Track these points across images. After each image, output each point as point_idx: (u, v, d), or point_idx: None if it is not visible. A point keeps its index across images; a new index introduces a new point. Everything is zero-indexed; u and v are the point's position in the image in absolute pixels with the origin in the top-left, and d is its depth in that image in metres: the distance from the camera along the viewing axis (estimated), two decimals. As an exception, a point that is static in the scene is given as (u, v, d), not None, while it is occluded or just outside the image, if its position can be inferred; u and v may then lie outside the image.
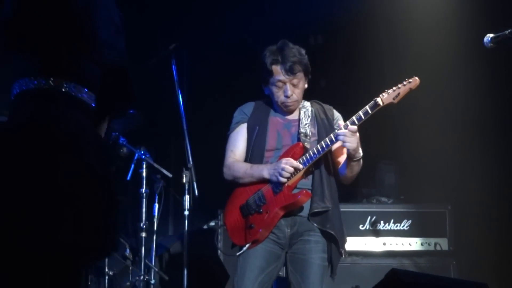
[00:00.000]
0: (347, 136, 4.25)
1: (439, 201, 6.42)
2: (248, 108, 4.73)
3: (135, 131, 6.76)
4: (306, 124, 4.54)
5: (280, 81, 4.51)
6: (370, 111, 4.29)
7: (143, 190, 6.52)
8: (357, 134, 4.29)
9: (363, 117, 4.29)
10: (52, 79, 2.84)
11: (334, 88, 7.67)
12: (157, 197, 6.67)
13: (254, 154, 4.57)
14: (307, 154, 4.37)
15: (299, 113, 4.62)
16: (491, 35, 4.16)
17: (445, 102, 6.92)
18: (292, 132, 4.58)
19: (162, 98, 6.82)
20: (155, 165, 6.57)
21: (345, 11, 7.37)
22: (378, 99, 4.30)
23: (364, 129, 4.35)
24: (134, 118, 6.65)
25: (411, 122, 7.10)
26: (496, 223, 6.78)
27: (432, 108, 7.03)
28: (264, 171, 4.44)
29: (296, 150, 4.44)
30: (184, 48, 6.14)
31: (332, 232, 4.42)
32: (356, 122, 4.28)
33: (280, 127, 4.61)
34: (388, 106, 4.35)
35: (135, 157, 6.58)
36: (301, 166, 4.34)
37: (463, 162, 7.07)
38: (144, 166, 6.54)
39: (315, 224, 4.41)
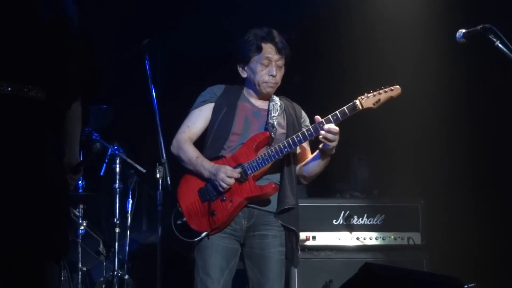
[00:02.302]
0: (332, 134, 4.27)
1: (412, 195, 6.46)
2: (218, 89, 4.65)
3: (108, 126, 6.74)
4: (274, 116, 4.50)
5: (268, 58, 4.47)
6: (348, 113, 4.30)
7: (117, 185, 6.50)
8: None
9: (340, 118, 4.30)
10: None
11: (308, 84, 7.68)
12: (130, 192, 6.66)
13: (217, 135, 4.48)
14: (276, 146, 4.34)
15: (268, 105, 4.58)
16: (463, 30, 4.20)
17: (419, 98, 6.95)
18: (261, 122, 4.53)
19: (135, 93, 6.79)
20: (129, 160, 6.56)
21: (319, 6, 7.37)
22: (357, 102, 4.31)
23: (337, 125, 4.35)
24: (106, 113, 6.63)
25: (385, 117, 7.12)
26: (468, 218, 6.82)
27: (405, 103, 7.03)
28: (205, 172, 4.39)
29: (263, 138, 4.41)
30: (157, 43, 6.10)
31: (295, 229, 4.42)
32: (333, 123, 4.29)
33: (249, 113, 4.55)
34: (367, 110, 4.36)
35: (108, 153, 6.57)
36: (239, 176, 4.30)
37: (436, 156, 7.13)
38: (118, 161, 6.53)
39: (280, 221, 4.39)
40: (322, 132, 4.27)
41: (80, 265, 6.35)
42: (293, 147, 4.37)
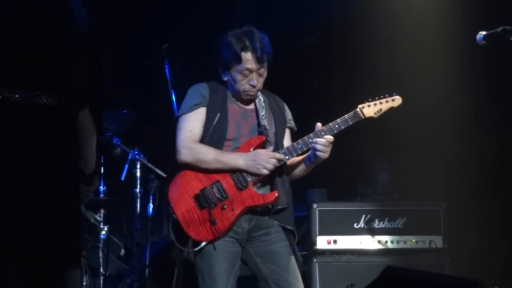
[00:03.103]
0: (324, 146, 4.23)
1: (433, 199, 6.42)
2: (204, 90, 4.51)
3: (128, 131, 6.77)
4: (263, 116, 4.43)
5: (248, 69, 4.35)
6: (350, 122, 4.28)
7: (137, 190, 6.53)
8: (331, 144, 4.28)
9: (342, 127, 4.27)
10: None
11: (327, 87, 7.68)
12: (151, 197, 6.67)
13: (213, 142, 4.35)
14: (290, 147, 4.31)
15: (255, 103, 4.51)
16: (484, 32, 4.17)
17: (440, 100, 6.92)
18: (250, 123, 4.46)
19: (156, 98, 6.82)
20: (149, 165, 6.58)
21: (338, 9, 7.37)
22: (359, 111, 4.29)
23: (357, 128, 4.35)
24: (127, 118, 6.66)
25: (405, 120, 7.11)
26: (491, 220, 6.78)
27: (426, 106, 7.03)
28: (239, 160, 4.25)
29: (259, 143, 4.35)
30: (177, 48, 6.13)
31: (292, 228, 4.38)
32: (335, 131, 4.26)
33: (238, 117, 4.45)
34: (369, 119, 4.34)
35: (129, 157, 6.60)
36: (285, 158, 4.26)
37: (458, 159, 7.08)
38: (138, 166, 6.56)
39: (276, 222, 4.33)
40: (319, 140, 4.23)
41: (101, 270, 6.38)
42: (294, 155, 4.33)
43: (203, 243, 4.21)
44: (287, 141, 4.53)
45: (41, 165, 2.84)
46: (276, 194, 4.26)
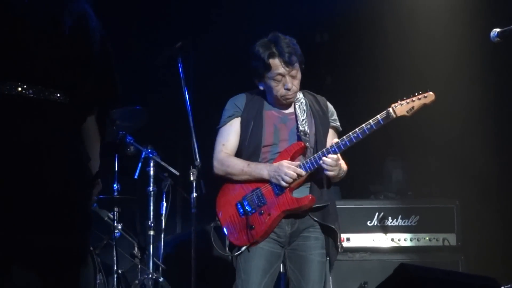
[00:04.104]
0: (331, 166, 4.24)
1: (447, 196, 6.43)
2: (240, 101, 4.60)
3: (142, 130, 6.78)
4: (303, 120, 4.46)
5: (279, 74, 4.39)
6: (382, 122, 4.22)
7: (151, 188, 6.54)
8: (340, 161, 4.29)
9: (374, 128, 4.23)
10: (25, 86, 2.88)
11: (340, 85, 7.67)
12: (164, 195, 6.68)
13: (249, 150, 4.46)
14: (313, 157, 4.30)
15: (294, 107, 4.54)
16: (498, 29, 4.16)
17: (452, 98, 6.91)
18: (289, 127, 4.50)
19: (169, 96, 6.83)
20: (163, 163, 6.58)
21: (350, 8, 7.36)
22: (391, 111, 4.22)
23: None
24: (140, 114, 6.66)
25: (418, 118, 7.09)
26: (504, 218, 6.77)
27: (439, 103, 7.00)
28: (264, 171, 4.35)
29: (298, 149, 4.39)
30: (190, 46, 6.14)
31: (333, 226, 4.41)
32: (367, 132, 4.22)
33: (276, 121, 4.51)
34: (401, 118, 4.32)
35: (142, 156, 6.61)
36: (304, 172, 4.28)
37: (471, 157, 7.06)
38: (152, 164, 6.56)
39: (316, 219, 4.37)
40: (324, 158, 4.24)
41: (115, 268, 6.39)
42: (312, 169, 4.32)
43: (243, 248, 4.34)
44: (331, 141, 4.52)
45: (51, 162, 2.86)
46: (310, 197, 4.30)
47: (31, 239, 2.82)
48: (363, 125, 4.23)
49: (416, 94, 4.33)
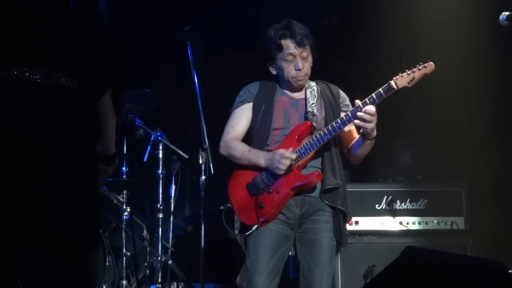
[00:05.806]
0: (367, 118, 4.26)
1: (455, 180, 6.41)
2: (253, 87, 4.71)
3: (151, 112, 6.79)
4: (313, 103, 4.53)
5: (290, 54, 4.48)
6: (384, 95, 4.28)
7: (160, 171, 6.55)
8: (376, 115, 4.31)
9: (376, 100, 4.28)
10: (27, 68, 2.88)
11: (349, 69, 7.66)
12: (173, 178, 6.70)
13: (260, 133, 4.56)
14: (317, 134, 4.36)
15: (305, 93, 4.60)
16: (507, 13, 4.15)
17: (461, 81, 6.89)
18: (300, 112, 4.56)
19: (178, 79, 6.83)
20: (172, 146, 6.59)
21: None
22: (392, 83, 4.28)
23: (379, 109, 4.34)
24: (149, 97, 6.67)
25: (427, 101, 7.08)
26: (513, 202, 6.76)
27: (447, 86, 7.00)
28: (261, 159, 4.44)
29: (304, 128, 4.45)
30: (199, 29, 6.14)
31: (343, 209, 4.44)
32: (369, 104, 4.27)
33: (287, 106, 4.59)
34: (403, 89, 4.34)
35: (151, 139, 6.61)
36: (294, 156, 4.34)
37: (480, 140, 7.05)
38: (161, 147, 6.57)
39: (326, 201, 4.41)
40: (359, 114, 4.26)
41: (124, 250, 6.43)
42: (333, 134, 4.37)
43: (254, 227, 4.41)
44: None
45: (60, 145, 2.88)
46: (317, 173, 4.37)
47: (40, 222, 2.84)
48: (366, 98, 4.30)
49: (417, 65, 4.36)
